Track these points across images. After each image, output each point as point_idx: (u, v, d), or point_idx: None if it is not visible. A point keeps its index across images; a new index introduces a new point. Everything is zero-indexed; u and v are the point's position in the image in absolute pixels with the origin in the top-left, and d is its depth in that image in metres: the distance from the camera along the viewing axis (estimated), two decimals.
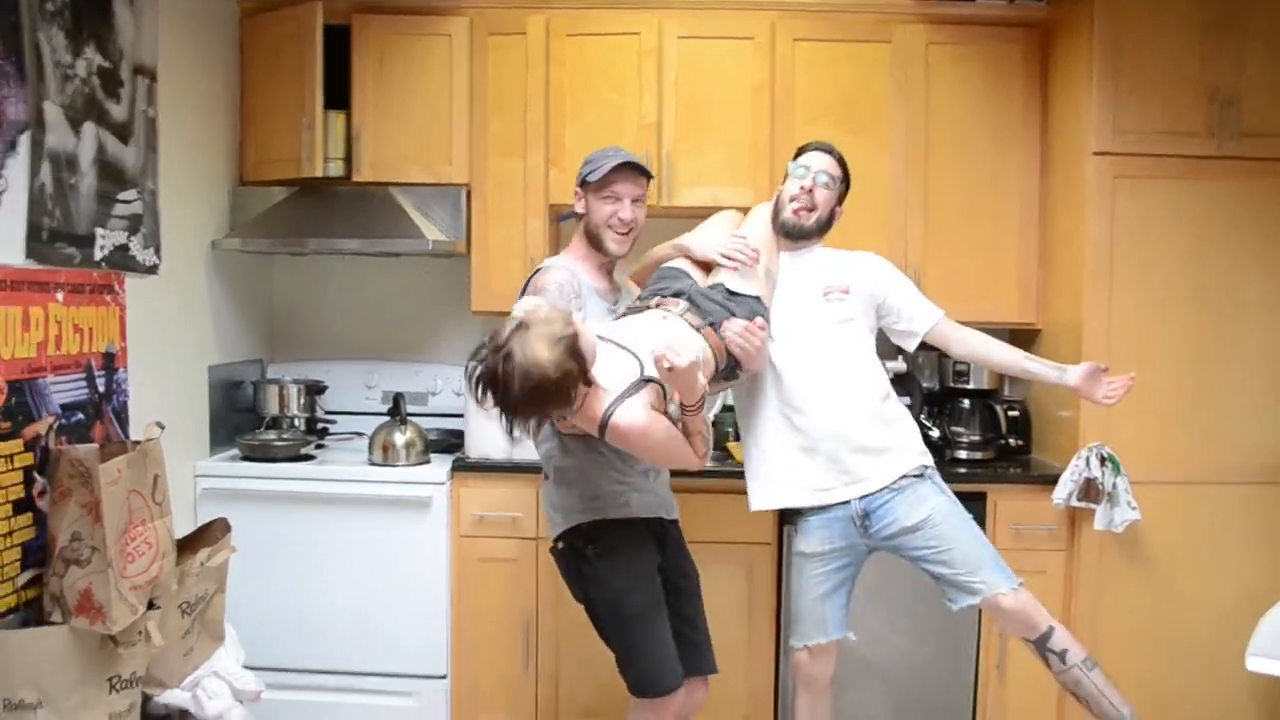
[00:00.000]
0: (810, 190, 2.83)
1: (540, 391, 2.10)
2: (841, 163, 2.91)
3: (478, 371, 2.15)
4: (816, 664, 2.85)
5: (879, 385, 2.83)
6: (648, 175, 2.82)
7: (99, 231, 2.84)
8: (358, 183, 3.69)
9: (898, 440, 2.79)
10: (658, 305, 2.59)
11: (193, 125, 3.47)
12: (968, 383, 3.72)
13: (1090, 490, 3.23)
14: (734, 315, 2.57)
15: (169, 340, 3.31)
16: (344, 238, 3.60)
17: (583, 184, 2.79)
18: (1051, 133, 3.58)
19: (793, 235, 2.87)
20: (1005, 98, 3.62)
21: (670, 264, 2.82)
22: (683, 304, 2.58)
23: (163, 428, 2.63)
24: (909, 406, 3.68)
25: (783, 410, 2.80)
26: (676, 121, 3.66)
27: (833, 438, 2.75)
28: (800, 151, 2.93)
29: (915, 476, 2.76)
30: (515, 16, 3.64)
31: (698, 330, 2.51)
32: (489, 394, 2.14)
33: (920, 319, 2.89)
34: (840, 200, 2.92)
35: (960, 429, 3.71)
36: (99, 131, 2.84)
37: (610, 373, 2.28)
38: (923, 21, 3.61)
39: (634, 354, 2.33)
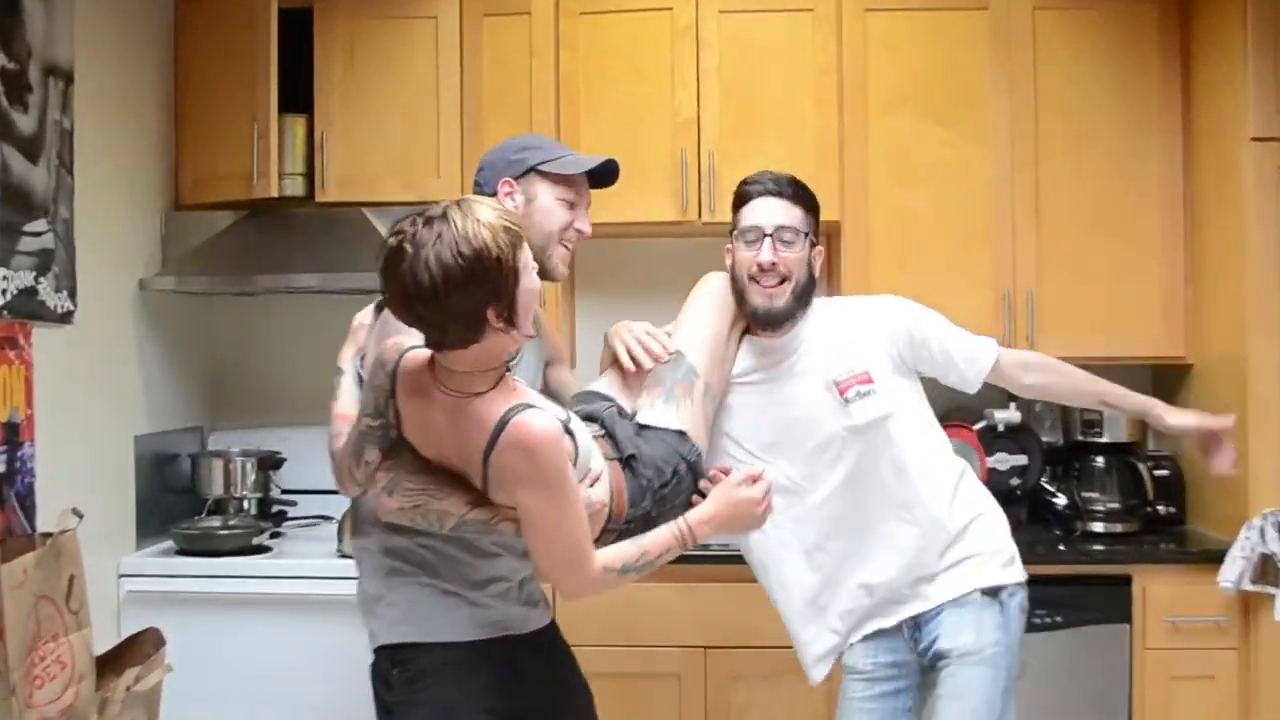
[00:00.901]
0: (772, 263, 2.55)
1: (476, 267, 1.90)
2: (799, 194, 2.64)
3: (387, 247, 1.96)
4: None
5: (940, 489, 2.60)
6: (606, 182, 2.58)
7: (1, 272, 2.84)
8: (321, 203, 3.71)
9: (970, 550, 2.58)
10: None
11: (117, 138, 3.49)
12: (1101, 434, 3.66)
13: (1268, 569, 3.14)
14: (637, 459, 2.31)
15: (86, 405, 3.29)
16: (304, 272, 3.58)
17: (528, 173, 2.46)
18: (1197, 116, 3.54)
19: (770, 323, 2.59)
20: (1136, 75, 3.59)
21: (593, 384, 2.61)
22: (594, 427, 2.37)
23: (80, 516, 2.61)
24: (1024, 467, 3.67)
25: (802, 550, 2.63)
26: (721, 116, 3.66)
27: (878, 586, 2.58)
28: (740, 200, 2.67)
29: (988, 595, 2.57)
30: None
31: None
32: (393, 278, 1.94)
33: (970, 367, 2.70)
34: (816, 242, 2.63)
35: (1093, 494, 3.64)
36: (2, 148, 2.84)
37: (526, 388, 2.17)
38: None
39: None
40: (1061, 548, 3.46)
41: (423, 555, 2.33)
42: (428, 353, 2.06)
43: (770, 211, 2.59)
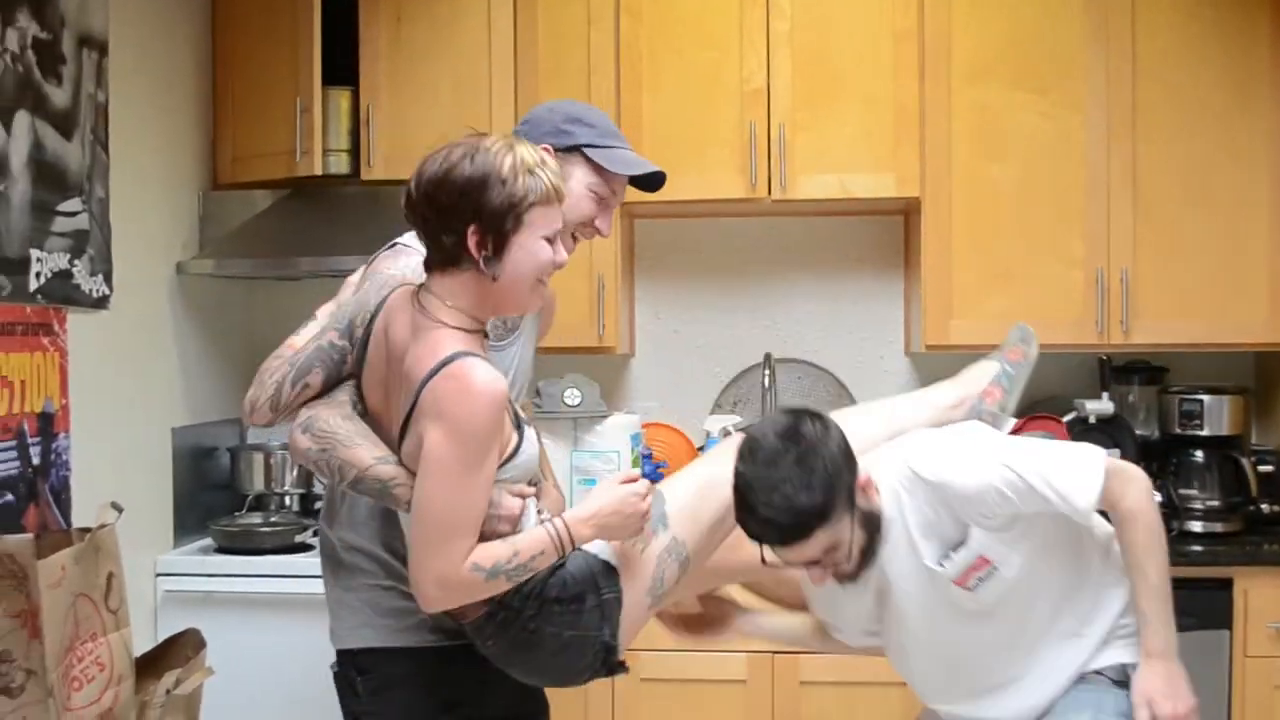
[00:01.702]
0: (817, 577, 2.36)
1: (475, 179, 2.00)
2: (801, 528, 2.24)
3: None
4: None
5: (1077, 606, 2.46)
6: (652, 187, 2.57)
7: (34, 254, 2.85)
8: (367, 182, 3.71)
9: (1099, 632, 2.48)
10: None
11: (154, 113, 3.50)
12: (1201, 427, 3.59)
13: None
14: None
15: (123, 396, 3.31)
16: (349, 255, 3.53)
17: (571, 149, 2.44)
18: None
19: (859, 573, 2.40)
20: (1243, 41, 3.52)
21: None
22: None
23: (120, 510, 2.61)
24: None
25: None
26: (793, 86, 3.63)
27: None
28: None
29: (1113, 679, 2.46)
30: None
31: None
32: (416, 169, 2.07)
33: (1078, 510, 2.38)
34: (852, 511, 2.29)
35: (1192, 491, 3.58)
36: (35, 122, 2.86)
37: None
38: None
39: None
40: None
41: (383, 556, 2.35)
42: (414, 286, 2.14)
43: (790, 553, 2.31)
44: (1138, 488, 2.37)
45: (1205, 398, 3.57)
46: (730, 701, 3.38)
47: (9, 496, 2.73)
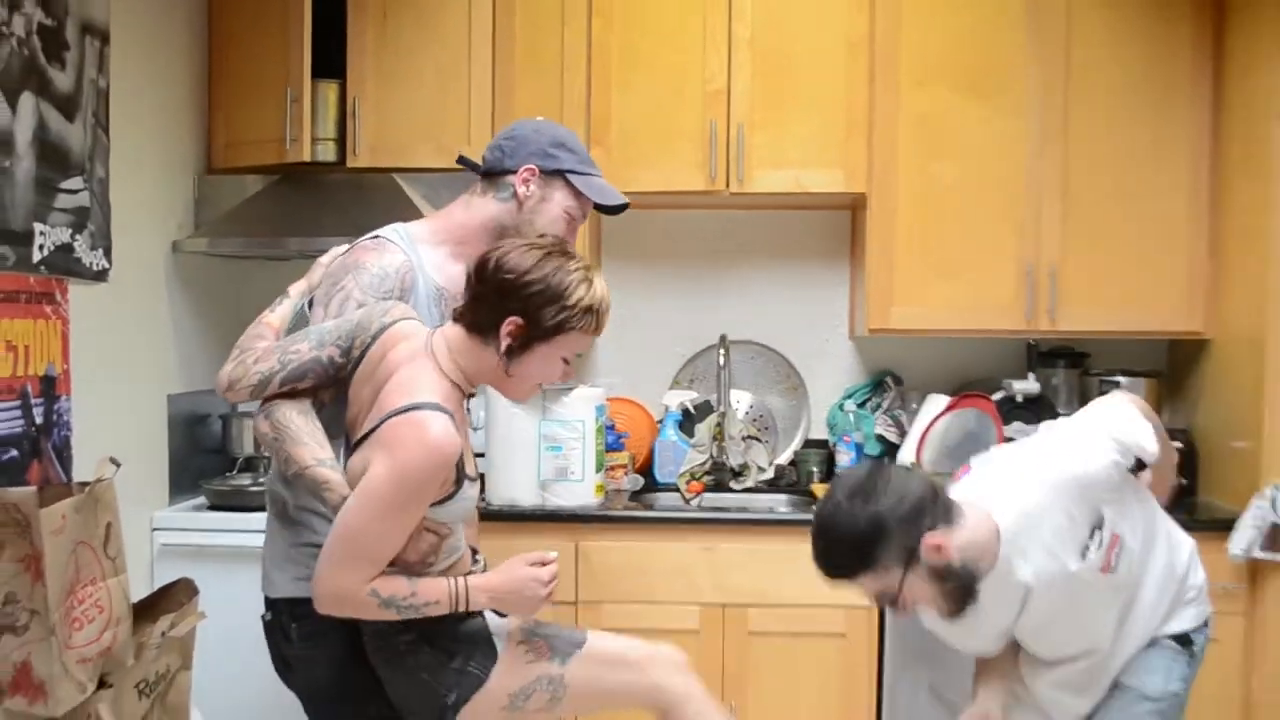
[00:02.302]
0: (898, 613, 2.45)
1: (539, 285, 2.13)
2: (858, 565, 2.32)
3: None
4: None
5: (1173, 571, 2.56)
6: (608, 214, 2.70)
7: (38, 227, 2.84)
8: (353, 169, 3.71)
9: (1181, 603, 2.58)
10: None
11: (152, 99, 3.49)
12: None
13: (1276, 538, 3.16)
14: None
15: (121, 363, 3.31)
16: (334, 236, 3.49)
17: (555, 174, 2.52)
18: (1228, 90, 3.51)
19: (962, 611, 2.40)
20: (1168, 49, 3.57)
21: None
22: None
23: (118, 465, 2.62)
24: None
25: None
26: (751, 88, 3.65)
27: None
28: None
29: (1180, 642, 2.55)
30: None
31: None
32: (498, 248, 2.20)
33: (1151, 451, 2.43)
34: (927, 547, 2.29)
35: None
36: (39, 104, 2.84)
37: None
38: None
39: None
40: None
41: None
42: (418, 326, 2.24)
43: (857, 589, 2.40)
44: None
45: (1122, 379, 3.63)
46: (684, 650, 3.40)
47: (13, 453, 2.73)
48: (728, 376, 3.97)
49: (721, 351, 3.97)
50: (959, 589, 2.34)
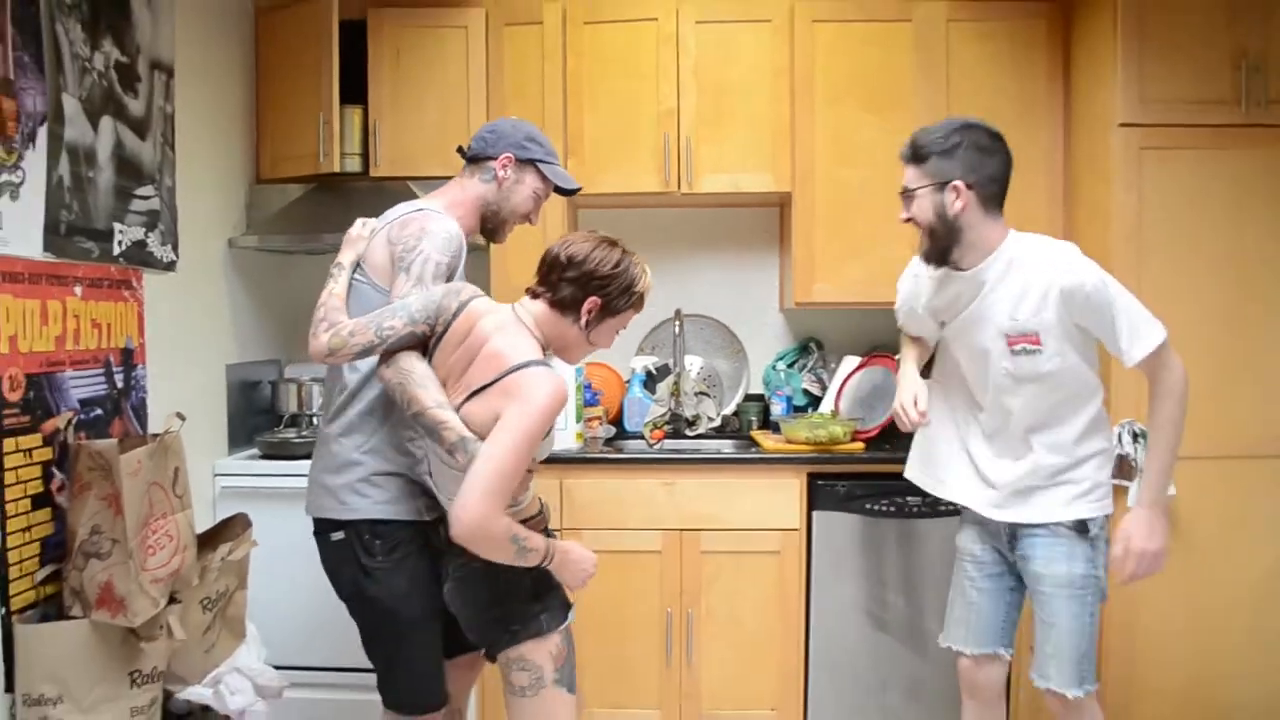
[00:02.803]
0: (908, 218, 2.49)
1: (615, 273, 2.24)
2: (915, 154, 2.46)
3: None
4: (980, 671, 2.63)
5: (1073, 428, 2.46)
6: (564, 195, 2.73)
7: (117, 226, 2.81)
8: (375, 178, 3.65)
9: (1073, 481, 2.47)
10: None
11: (209, 122, 3.44)
12: None
13: (1123, 468, 3.13)
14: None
15: (187, 338, 3.27)
16: None
17: (527, 162, 2.57)
18: (1076, 107, 3.50)
19: (928, 262, 2.50)
20: (1028, 73, 3.55)
21: None
22: None
23: (183, 419, 2.59)
24: None
25: (960, 407, 2.62)
26: (696, 107, 3.62)
27: (999, 470, 2.54)
28: None
29: (1078, 530, 2.46)
30: (531, 6, 3.60)
31: None
32: (569, 243, 2.27)
33: (1127, 354, 2.37)
34: (954, 187, 2.39)
35: None
36: (117, 126, 2.80)
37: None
38: None
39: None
40: None
41: (411, 459, 2.41)
42: (491, 302, 2.27)
43: (906, 176, 2.50)
44: (1180, 372, 2.37)
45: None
46: (649, 568, 3.42)
47: (98, 411, 2.69)
48: (682, 344, 3.96)
49: (677, 323, 3.96)
50: (942, 240, 2.43)
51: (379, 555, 2.40)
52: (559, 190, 2.68)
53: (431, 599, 2.40)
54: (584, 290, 2.20)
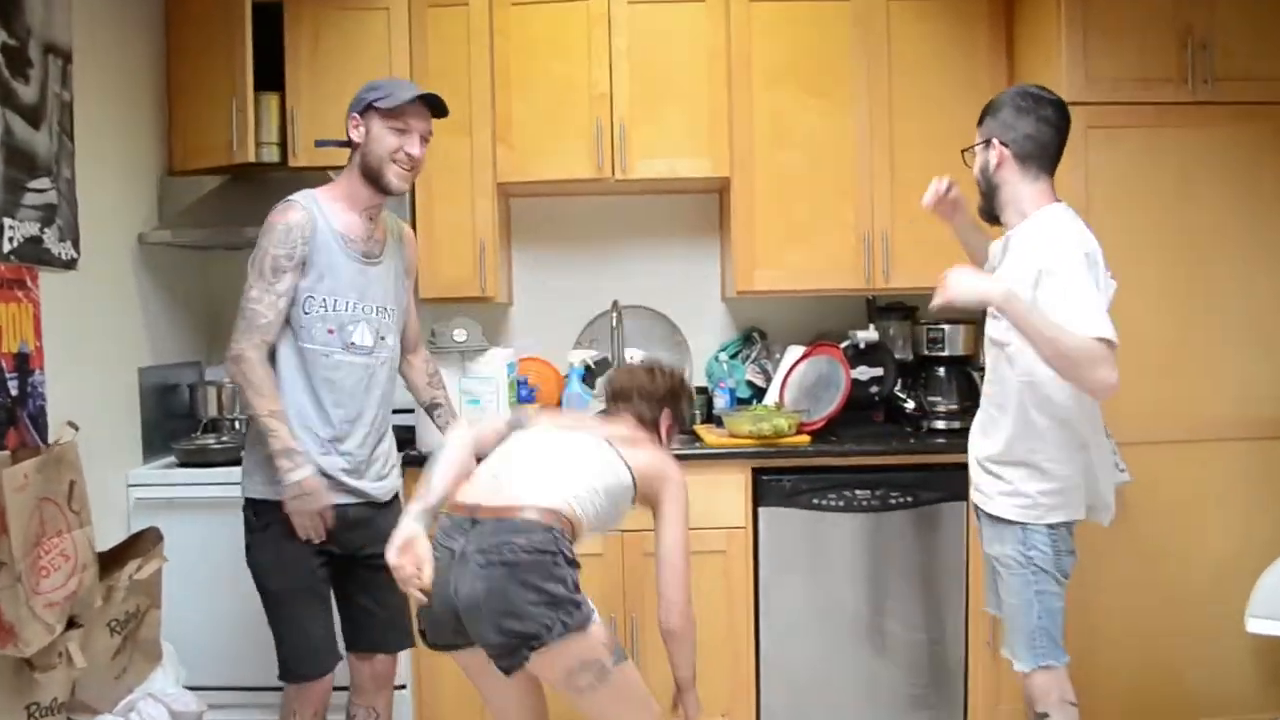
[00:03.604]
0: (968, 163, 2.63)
1: (682, 394, 2.62)
2: (981, 116, 2.56)
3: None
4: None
5: (1016, 419, 2.41)
6: (440, 113, 2.60)
7: (6, 222, 2.59)
8: (294, 168, 3.47)
9: (1007, 480, 2.44)
10: None
11: (115, 110, 3.23)
12: (943, 349, 3.54)
13: None
14: None
15: (94, 340, 3.06)
16: None
17: (365, 109, 2.51)
18: (1018, 81, 3.37)
19: (985, 219, 2.61)
20: (970, 52, 3.46)
21: None
22: None
23: (76, 428, 2.39)
24: (881, 378, 3.57)
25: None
26: (630, 91, 3.47)
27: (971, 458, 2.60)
28: None
29: (1010, 522, 2.45)
30: None
31: None
32: (639, 370, 2.63)
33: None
34: (991, 143, 2.47)
35: (937, 398, 3.54)
36: (4, 113, 2.58)
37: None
38: None
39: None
40: (912, 441, 3.36)
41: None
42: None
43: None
44: (1105, 376, 2.18)
45: (946, 327, 3.52)
46: (593, 569, 3.23)
47: None
48: (620, 336, 3.81)
49: (614, 315, 3.80)
50: (986, 197, 2.52)
51: (255, 530, 2.55)
52: (430, 110, 2.57)
53: (302, 576, 2.52)
54: (659, 411, 2.58)
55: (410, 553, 2.17)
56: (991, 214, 2.53)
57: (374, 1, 3.45)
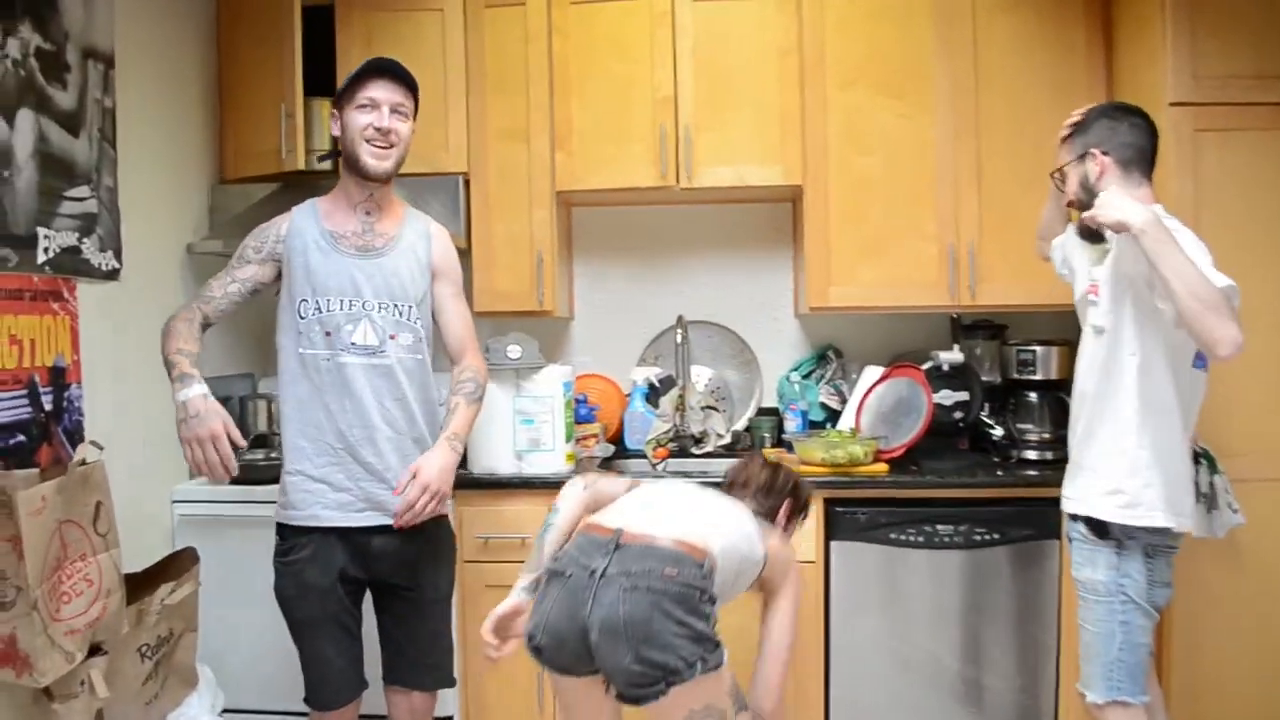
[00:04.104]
0: (1068, 199, 2.59)
1: (798, 494, 2.56)
2: (1067, 135, 2.58)
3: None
4: None
5: (1121, 418, 2.37)
6: (410, 85, 2.50)
7: (42, 232, 2.54)
8: None
9: (1094, 475, 2.43)
10: None
11: (163, 116, 3.20)
12: (1034, 373, 3.31)
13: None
14: None
15: (137, 353, 2.99)
16: None
17: (336, 102, 2.49)
18: (1120, 85, 3.19)
19: (1086, 237, 2.57)
20: (1065, 48, 3.25)
21: None
22: None
23: (101, 448, 2.32)
24: (966, 403, 3.36)
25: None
26: (695, 93, 3.34)
27: (1078, 447, 2.53)
28: None
29: (1096, 531, 2.39)
30: None
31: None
32: (765, 468, 2.57)
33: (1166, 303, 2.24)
34: (1091, 154, 2.45)
35: (1027, 425, 3.31)
36: (39, 120, 2.55)
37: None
38: None
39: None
40: (1000, 473, 3.14)
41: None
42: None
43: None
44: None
45: (1038, 348, 3.30)
46: None
47: (20, 438, 2.44)
48: (686, 353, 3.67)
49: (679, 331, 3.66)
50: (1084, 201, 2.45)
51: (278, 556, 2.51)
52: (381, 73, 2.45)
53: (323, 605, 2.45)
54: (780, 502, 2.51)
55: (506, 630, 2.19)
56: (1096, 230, 2.44)
57: (428, 3, 3.37)
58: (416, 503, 2.33)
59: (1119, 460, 2.36)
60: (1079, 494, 2.45)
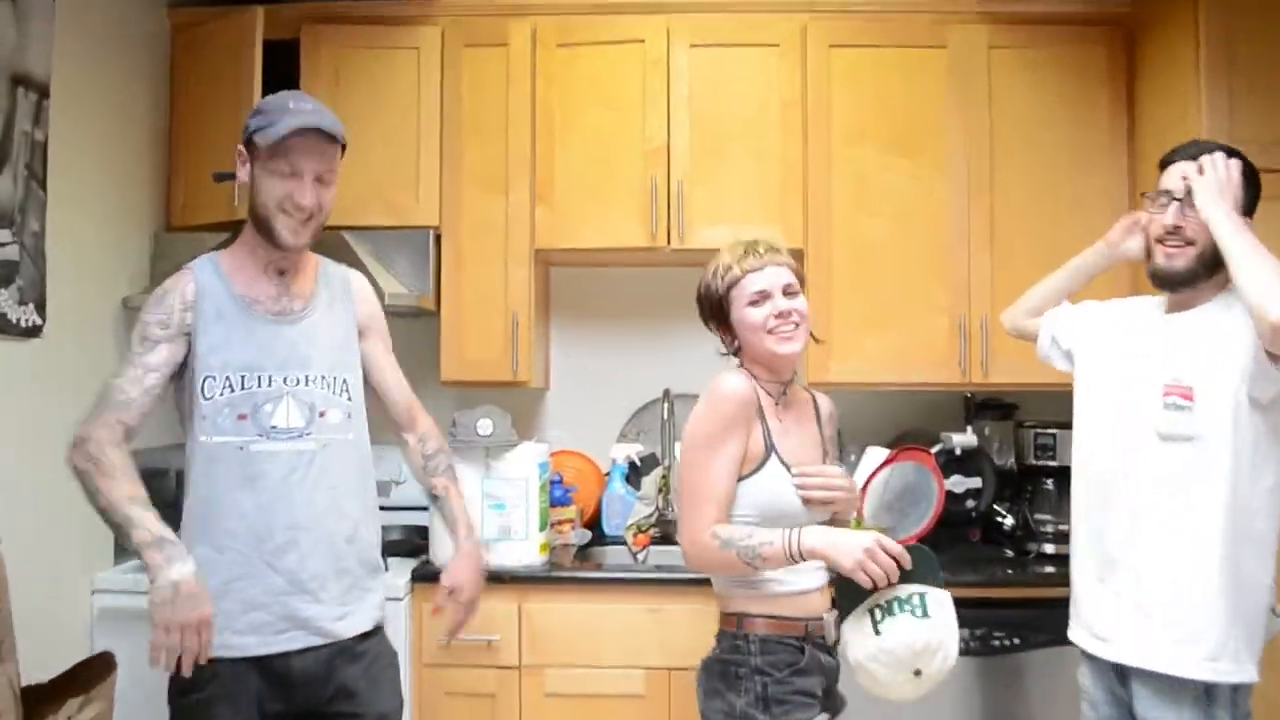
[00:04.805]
0: (1176, 226, 2.15)
1: (700, 295, 2.43)
2: (1187, 149, 2.24)
3: None
4: None
5: (1216, 542, 2.04)
6: (340, 142, 2.12)
7: None
8: None
9: (1203, 620, 2.04)
10: None
11: (108, 156, 2.96)
12: (1052, 457, 3.08)
13: None
14: None
15: (64, 421, 2.70)
16: None
17: (248, 143, 2.08)
18: (1144, 147, 3.04)
19: (1166, 283, 2.21)
20: (1086, 108, 3.12)
21: None
22: None
23: None
24: (978, 490, 3.14)
25: (1088, 512, 2.28)
26: (689, 146, 3.16)
27: (1126, 578, 2.15)
28: (1161, 165, 2.27)
29: (1199, 685, 2.04)
30: (495, 25, 3.18)
31: None
32: None
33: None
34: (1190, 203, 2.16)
35: (1045, 516, 3.08)
36: None
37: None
38: (984, 21, 3.14)
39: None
40: (1011, 570, 2.92)
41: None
42: None
43: (1184, 177, 2.17)
44: None
45: (1057, 432, 3.07)
46: (629, 716, 2.83)
47: None
48: (672, 429, 3.42)
49: (666, 405, 3.41)
50: (1202, 258, 2.12)
51: (175, 694, 2.09)
52: (313, 134, 2.04)
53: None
54: (712, 326, 2.39)
55: None
56: (1190, 277, 2.16)
57: (403, 40, 3.18)
58: (463, 624, 2.21)
59: (1209, 608, 2.04)
60: (1145, 646, 2.10)
